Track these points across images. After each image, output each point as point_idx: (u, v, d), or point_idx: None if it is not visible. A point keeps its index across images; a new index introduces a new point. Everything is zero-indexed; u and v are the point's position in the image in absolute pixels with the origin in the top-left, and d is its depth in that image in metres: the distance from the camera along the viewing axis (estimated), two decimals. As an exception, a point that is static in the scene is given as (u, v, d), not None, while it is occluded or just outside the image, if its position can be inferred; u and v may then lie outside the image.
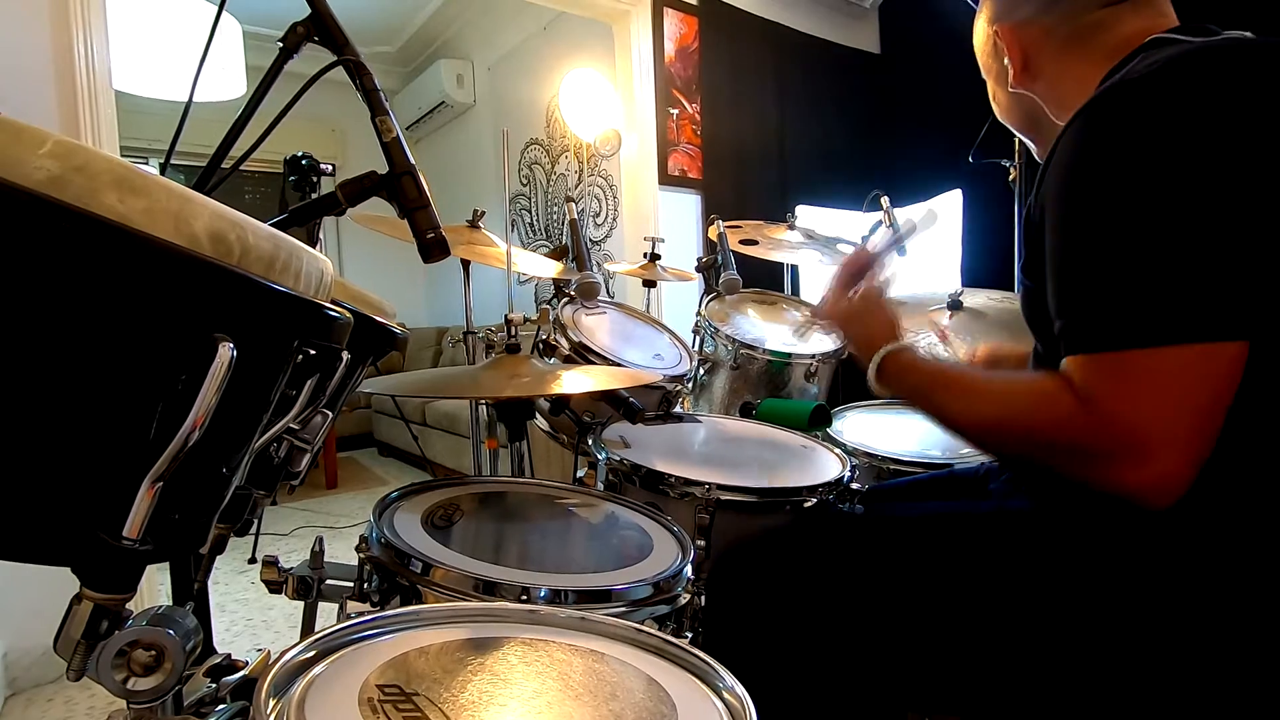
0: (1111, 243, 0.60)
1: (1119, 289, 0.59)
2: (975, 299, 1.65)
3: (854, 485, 1.05)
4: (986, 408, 0.70)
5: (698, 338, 1.60)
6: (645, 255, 2.00)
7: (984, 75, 0.91)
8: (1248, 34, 0.66)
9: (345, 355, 0.57)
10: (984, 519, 0.79)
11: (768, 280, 2.06)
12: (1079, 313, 0.62)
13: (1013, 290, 1.99)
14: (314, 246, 0.53)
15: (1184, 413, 0.57)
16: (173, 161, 0.80)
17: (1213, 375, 0.57)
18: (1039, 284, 0.69)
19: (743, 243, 1.87)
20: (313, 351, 0.51)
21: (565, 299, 1.40)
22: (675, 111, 3.06)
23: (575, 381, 1.01)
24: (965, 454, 1.32)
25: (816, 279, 2.77)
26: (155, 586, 1.88)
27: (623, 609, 0.69)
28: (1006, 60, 0.83)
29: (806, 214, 2.72)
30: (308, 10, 0.71)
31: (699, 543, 0.93)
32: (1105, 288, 0.60)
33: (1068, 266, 0.64)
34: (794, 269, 2.66)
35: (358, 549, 0.78)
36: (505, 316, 1.07)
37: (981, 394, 0.71)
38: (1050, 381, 0.64)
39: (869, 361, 0.83)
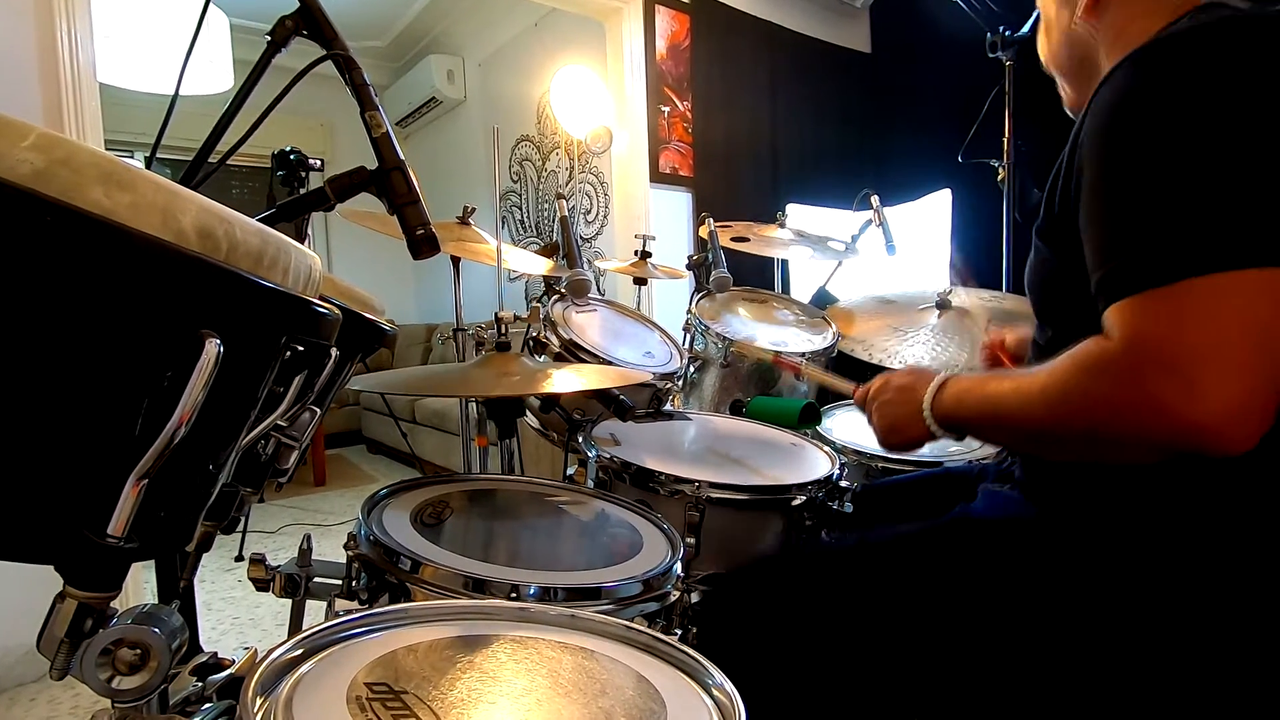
0: (1155, 180, 0.57)
1: (1159, 226, 0.56)
2: (964, 298, 1.66)
3: (843, 483, 1.06)
4: (1038, 406, 0.63)
5: (688, 335, 1.60)
6: (636, 253, 2.00)
7: (1041, 10, 0.86)
8: None
9: (334, 352, 0.57)
10: (974, 530, 0.79)
11: (758, 278, 2.06)
12: (1117, 256, 0.58)
13: (1002, 290, 2.01)
14: (302, 242, 0.52)
15: (1236, 333, 0.52)
16: (159, 156, 0.79)
17: (1269, 301, 0.52)
18: (1060, 250, 0.66)
19: (734, 239, 1.87)
20: (301, 348, 0.51)
21: (556, 296, 1.40)
22: (666, 109, 3.06)
23: (565, 380, 1.01)
24: (953, 452, 1.33)
25: (807, 277, 2.77)
26: (140, 584, 1.87)
27: (612, 606, 0.69)
28: None
29: (797, 212, 2.74)
30: (296, 4, 0.70)
31: (689, 540, 0.93)
32: (1144, 226, 0.57)
33: (1108, 210, 0.60)
34: (784, 265, 2.67)
35: (346, 547, 0.77)
36: (495, 314, 1.07)
37: (1029, 391, 0.64)
38: (1087, 344, 0.59)
39: (918, 410, 0.78)
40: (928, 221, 2.78)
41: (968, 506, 0.85)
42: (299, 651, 0.50)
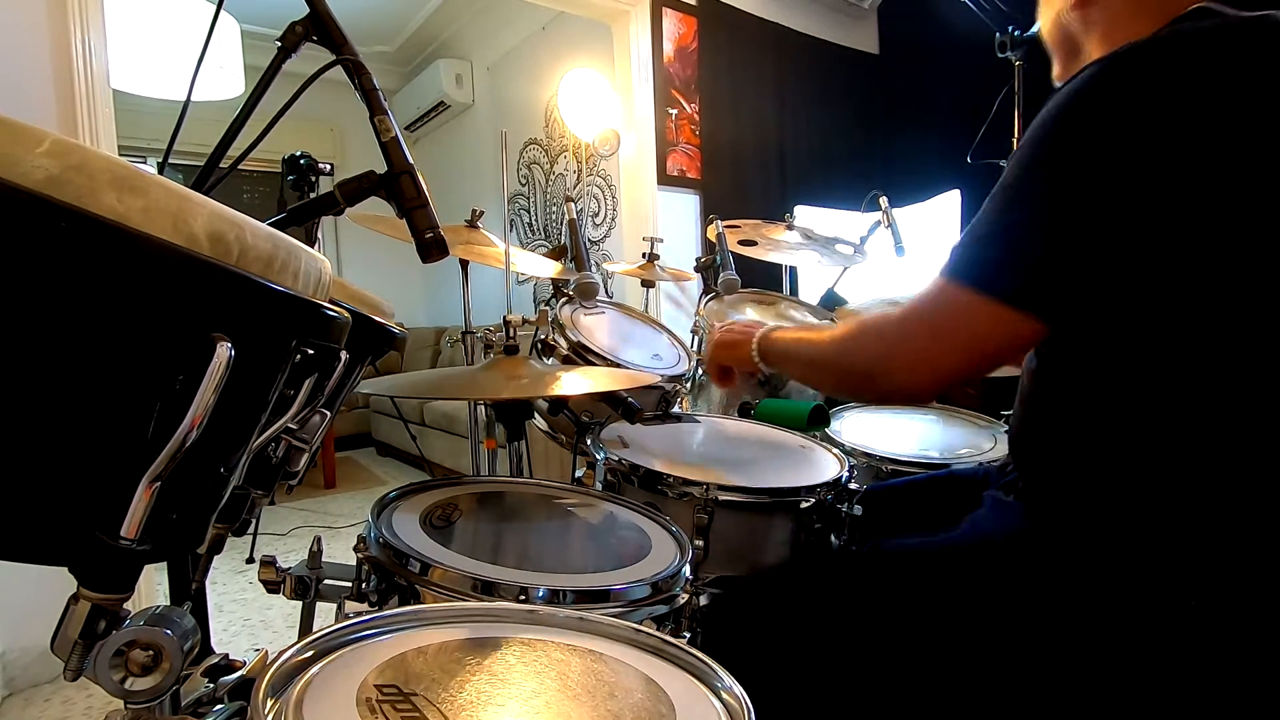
0: (1003, 192, 0.67)
1: (978, 230, 0.68)
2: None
3: (852, 485, 1.05)
4: (833, 343, 0.83)
5: (696, 338, 1.60)
6: (644, 255, 2.00)
7: None
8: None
9: (344, 355, 0.57)
10: (976, 550, 0.79)
11: (766, 280, 2.06)
12: (962, 234, 0.70)
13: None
14: (312, 246, 0.52)
15: (956, 337, 0.68)
16: (171, 161, 0.80)
17: (991, 330, 0.66)
18: None
19: (741, 243, 1.87)
20: (311, 351, 0.51)
21: (564, 299, 1.40)
22: (674, 111, 3.06)
23: (573, 382, 1.01)
24: (962, 454, 1.33)
25: (815, 279, 2.77)
26: (153, 586, 1.88)
27: (621, 609, 0.69)
28: None
29: (805, 214, 2.72)
30: (306, 9, 0.71)
31: (697, 543, 0.93)
32: (977, 222, 0.69)
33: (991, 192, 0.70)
34: (793, 269, 2.66)
35: (356, 549, 0.78)
36: (504, 317, 1.07)
37: (829, 335, 0.84)
38: (890, 312, 0.76)
39: (749, 356, 0.98)
40: (937, 223, 2.76)
41: (976, 519, 0.84)
42: (309, 653, 0.50)
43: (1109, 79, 0.63)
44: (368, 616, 0.56)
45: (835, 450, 1.20)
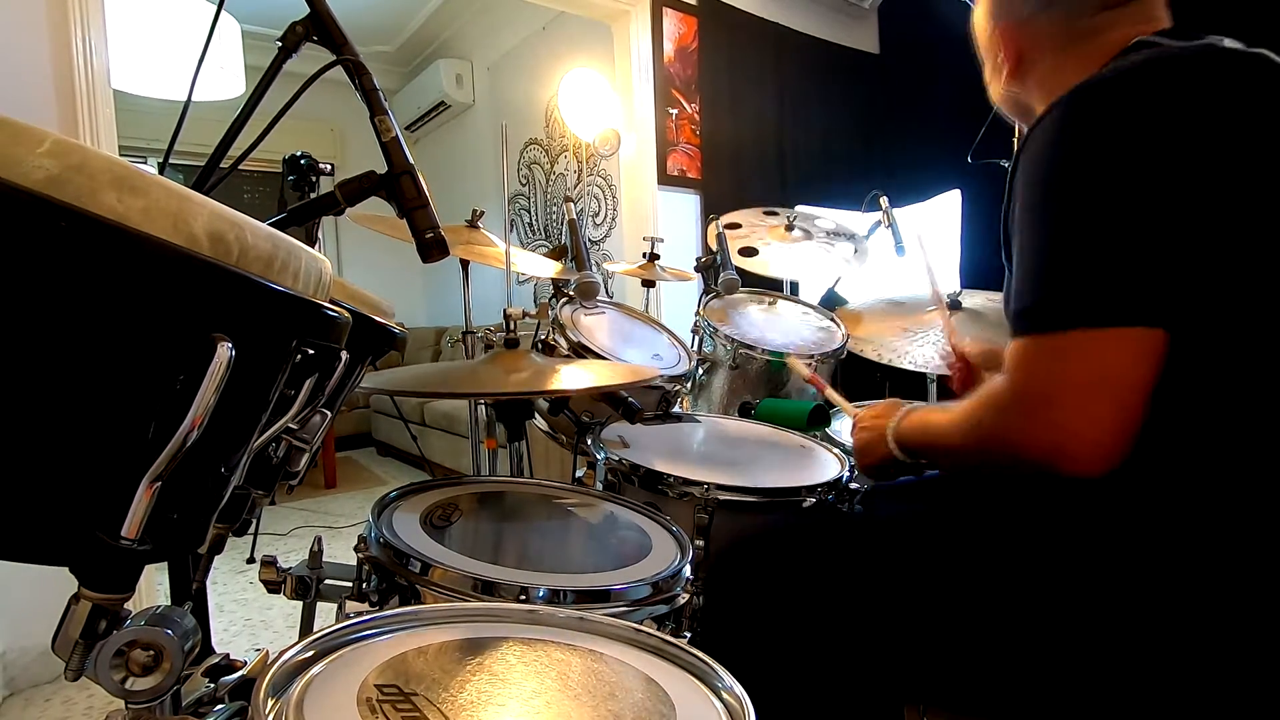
0: (1046, 236, 0.66)
1: (1044, 278, 0.65)
2: (974, 299, 1.65)
3: (853, 485, 1.05)
4: (955, 435, 0.75)
5: (696, 338, 1.60)
6: (644, 255, 2.00)
7: (981, 61, 0.93)
8: (1225, 40, 0.68)
9: (344, 355, 0.57)
10: (966, 515, 0.80)
11: (767, 279, 2.05)
12: (1016, 299, 0.68)
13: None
14: (312, 246, 0.52)
15: (1093, 385, 0.61)
16: (171, 161, 0.80)
17: (1123, 357, 0.61)
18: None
19: (741, 252, 1.86)
20: (311, 351, 0.51)
21: (564, 299, 1.40)
22: (674, 111, 3.06)
23: (574, 376, 1.01)
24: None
25: (815, 278, 2.76)
26: (154, 586, 1.88)
27: (621, 609, 0.69)
28: (1001, 57, 0.85)
29: (806, 214, 2.72)
30: (307, 9, 0.71)
31: (698, 543, 0.93)
32: (1035, 276, 0.66)
33: (1018, 255, 0.69)
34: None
35: (356, 549, 0.78)
36: (504, 311, 1.07)
37: (952, 421, 0.75)
38: (992, 380, 0.70)
39: (883, 434, 0.88)
40: (937, 222, 2.76)
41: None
42: (310, 653, 0.50)
43: (1090, 96, 0.65)
44: (368, 616, 0.56)
45: (836, 450, 1.20)
